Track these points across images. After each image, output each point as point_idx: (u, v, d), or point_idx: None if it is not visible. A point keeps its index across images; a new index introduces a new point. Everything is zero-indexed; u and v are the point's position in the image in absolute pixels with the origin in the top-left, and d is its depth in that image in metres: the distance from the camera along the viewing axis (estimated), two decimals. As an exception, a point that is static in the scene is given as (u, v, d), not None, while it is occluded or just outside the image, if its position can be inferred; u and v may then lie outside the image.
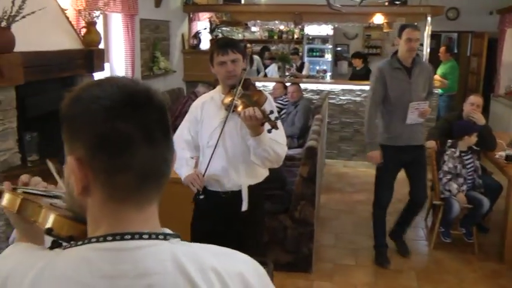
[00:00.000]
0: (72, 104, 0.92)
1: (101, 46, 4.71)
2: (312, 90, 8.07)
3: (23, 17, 3.11)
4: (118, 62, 6.33)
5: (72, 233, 0.97)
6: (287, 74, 9.05)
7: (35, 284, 0.87)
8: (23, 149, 3.40)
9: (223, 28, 9.66)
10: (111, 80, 0.93)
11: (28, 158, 3.39)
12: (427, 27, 8.03)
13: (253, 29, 12.32)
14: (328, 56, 12.12)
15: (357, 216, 5.72)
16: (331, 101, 7.95)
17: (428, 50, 8.18)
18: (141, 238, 0.90)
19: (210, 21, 9.04)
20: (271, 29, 12.57)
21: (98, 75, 4.54)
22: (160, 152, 0.92)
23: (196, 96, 5.48)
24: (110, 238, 0.88)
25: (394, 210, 4.88)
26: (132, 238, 0.89)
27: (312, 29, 11.97)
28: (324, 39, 12.15)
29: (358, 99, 7.98)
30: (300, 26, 11.06)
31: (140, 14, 6.51)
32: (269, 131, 2.63)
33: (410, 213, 4.75)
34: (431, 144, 5.00)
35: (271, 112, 2.67)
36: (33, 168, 3.36)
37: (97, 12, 4.76)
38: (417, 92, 4.30)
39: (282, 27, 12.22)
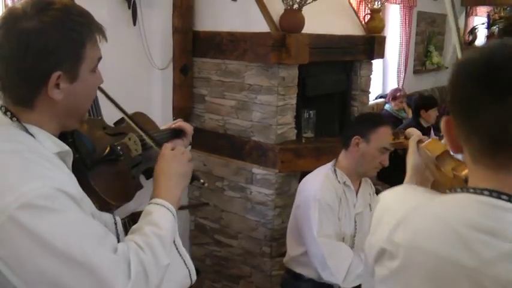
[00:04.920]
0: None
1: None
2: None
3: (314, 0, 3.06)
4: (392, 53, 6.03)
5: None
6: None
7: (408, 216, 0.92)
8: (299, 126, 3.34)
9: (501, 24, 8.60)
10: (483, 47, 0.90)
11: (303, 135, 3.31)
12: None
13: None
14: None
15: None
16: None
17: None
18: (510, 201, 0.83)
19: (488, 16, 8.10)
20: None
21: (376, 62, 4.31)
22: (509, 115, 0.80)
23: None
24: (486, 193, 0.85)
25: None
26: (509, 200, 0.83)
27: None
28: None
29: None
30: None
31: (418, 7, 6.10)
32: None
33: None
34: None
35: None
36: (308, 145, 3.28)
37: (378, 3, 4.58)
38: None
39: None
